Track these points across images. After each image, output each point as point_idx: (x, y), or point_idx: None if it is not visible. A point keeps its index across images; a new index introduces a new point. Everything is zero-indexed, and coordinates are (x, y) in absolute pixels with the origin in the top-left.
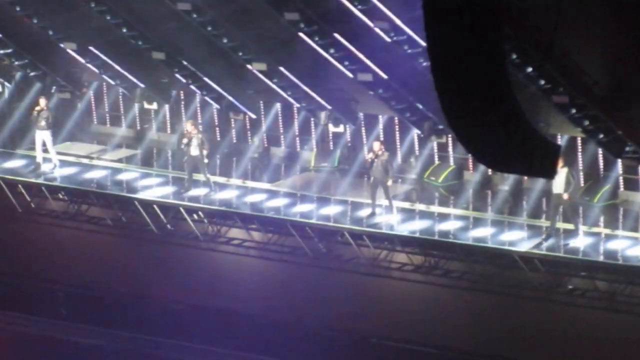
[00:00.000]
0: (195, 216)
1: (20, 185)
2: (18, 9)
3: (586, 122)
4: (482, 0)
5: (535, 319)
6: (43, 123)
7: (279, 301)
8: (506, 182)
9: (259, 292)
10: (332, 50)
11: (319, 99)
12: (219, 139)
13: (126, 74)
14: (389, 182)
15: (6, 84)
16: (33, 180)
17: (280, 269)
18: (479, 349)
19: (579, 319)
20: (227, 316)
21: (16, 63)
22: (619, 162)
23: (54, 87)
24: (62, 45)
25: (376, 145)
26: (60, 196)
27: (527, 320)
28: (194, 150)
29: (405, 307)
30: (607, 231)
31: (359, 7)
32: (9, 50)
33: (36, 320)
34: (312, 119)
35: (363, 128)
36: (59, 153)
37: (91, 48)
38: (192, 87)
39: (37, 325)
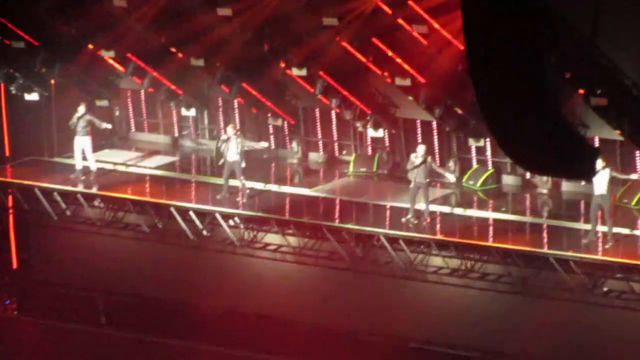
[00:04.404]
0: (231, 222)
1: (55, 193)
2: (57, 18)
3: (625, 124)
4: (521, 3)
5: (571, 321)
6: (83, 129)
7: (316, 306)
8: (545, 185)
9: (296, 297)
10: (370, 55)
11: (358, 103)
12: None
13: (164, 81)
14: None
15: (43, 92)
16: (69, 187)
17: (316, 273)
18: (516, 351)
19: (615, 320)
20: (263, 321)
21: (54, 71)
22: None
23: (88, 95)
24: (100, 52)
25: (422, 149)
26: (96, 203)
27: (563, 321)
28: (232, 156)
29: (442, 310)
30: None
31: (397, 11)
32: (46, 58)
33: (75, 329)
34: (351, 124)
35: (402, 133)
36: (97, 160)
37: (129, 55)
38: (231, 93)
39: (77, 333)
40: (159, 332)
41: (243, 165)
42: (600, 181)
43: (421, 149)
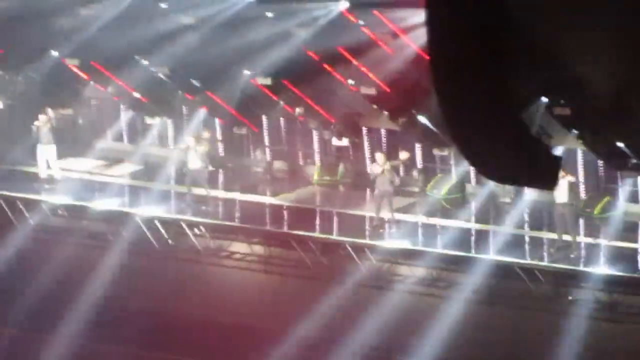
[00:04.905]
0: (196, 230)
1: (18, 202)
2: (21, 25)
3: (587, 135)
4: (484, 13)
5: (536, 330)
6: (46, 137)
7: (281, 315)
8: (509, 194)
9: (261, 306)
10: (335, 64)
11: (323, 112)
12: (222, 153)
13: (129, 89)
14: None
15: (8, 100)
16: (32, 196)
17: (282, 282)
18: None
19: (580, 329)
20: (229, 331)
21: (19, 79)
22: (619, 174)
23: (52, 103)
24: (64, 60)
25: (381, 158)
26: (60, 212)
27: (528, 330)
28: (194, 164)
29: (409, 320)
30: (607, 242)
31: (361, 20)
32: (11, 66)
33: (46, 339)
34: (315, 133)
35: (366, 142)
36: (61, 169)
37: (93, 63)
38: (195, 102)
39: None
40: (121, 340)
41: (211, 168)
42: (561, 190)
43: (380, 157)
